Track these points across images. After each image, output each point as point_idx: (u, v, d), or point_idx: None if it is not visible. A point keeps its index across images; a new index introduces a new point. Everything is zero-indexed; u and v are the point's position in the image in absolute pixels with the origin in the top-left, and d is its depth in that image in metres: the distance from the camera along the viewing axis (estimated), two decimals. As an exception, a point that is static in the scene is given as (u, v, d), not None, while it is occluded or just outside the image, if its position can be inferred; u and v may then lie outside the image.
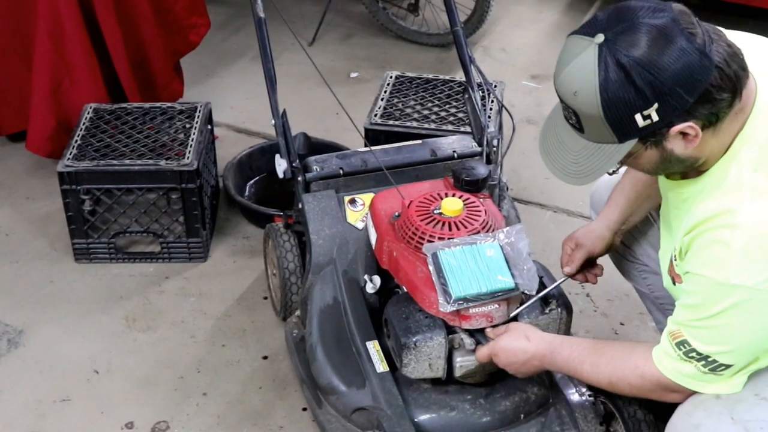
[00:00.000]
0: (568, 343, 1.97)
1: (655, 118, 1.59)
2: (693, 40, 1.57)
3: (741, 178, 1.65)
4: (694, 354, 1.71)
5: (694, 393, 1.76)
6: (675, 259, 1.78)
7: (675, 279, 1.81)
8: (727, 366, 1.70)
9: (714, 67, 1.57)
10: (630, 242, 2.25)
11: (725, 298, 1.63)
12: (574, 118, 1.67)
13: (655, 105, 1.58)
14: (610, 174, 1.80)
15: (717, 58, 1.58)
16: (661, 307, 2.32)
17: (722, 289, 1.63)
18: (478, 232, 2.10)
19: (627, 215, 2.19)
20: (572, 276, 2.23)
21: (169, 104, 3.21)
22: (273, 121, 2.50)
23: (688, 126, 1.60)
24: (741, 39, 1.74)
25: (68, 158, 2.89)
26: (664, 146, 1.65)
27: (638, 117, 1.60)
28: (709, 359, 1.70)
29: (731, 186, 1.66)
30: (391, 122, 3.07)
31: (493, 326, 2.06)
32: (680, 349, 1.72)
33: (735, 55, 1.61)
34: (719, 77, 1.58)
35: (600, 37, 1.60)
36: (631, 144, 1.64)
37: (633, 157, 1.69)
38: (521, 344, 2.00)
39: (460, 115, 3.12)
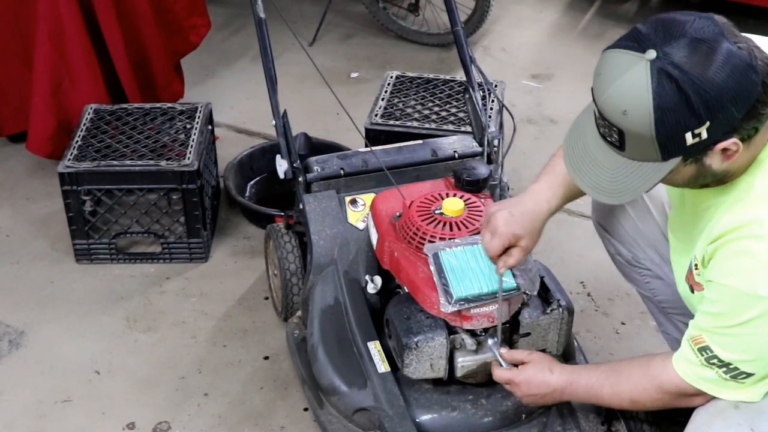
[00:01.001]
0: (586, 371, 1.97)
1: (704, 136, 1.54)
2: (742, 54, 1.52)
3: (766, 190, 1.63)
4: (715, 360, 1.70)
5: (714, 397, 1.75)
6: (695, 268, 1.77)
7: (694, 287, 1.80)
8: (749, 374, 1.69)
9: (760, 81, 1.53)
10: (633, 246, 2.22)
11: (751, 308, 1.62)
12: (616, 137, 1.59)
13: (707, 123, 1.53)
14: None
15: (762, 72, 1.54)
16: (664, 310, 2.31)
17: (748, 300, 1.62)
18: (479, 233, 2.10)
19: (573, 190, 2.02)
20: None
21: (169, 105, 3.20)
22: (273, 122, 2.51)
23: (732, 143, 1.57)
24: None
25: (69, 159, 2.89)
26: (703, 162, 1.61)
27: (688, 135, 1.54)
28: (731, 366, 1.69)
29: (758, 197, 1.63)
30: (391, 122, 3.07)
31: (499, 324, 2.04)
32: (702, 355, 1.71)
33: None
34: (763, 91, 1.54)
35: (651, 53, 1.53)
36: (674, 162, 1.59)
37: (670, 173, 1.63)
38: (545, 377, 1.98)
39: (461, 114, 3.12)
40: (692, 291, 1.82)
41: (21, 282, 2.93)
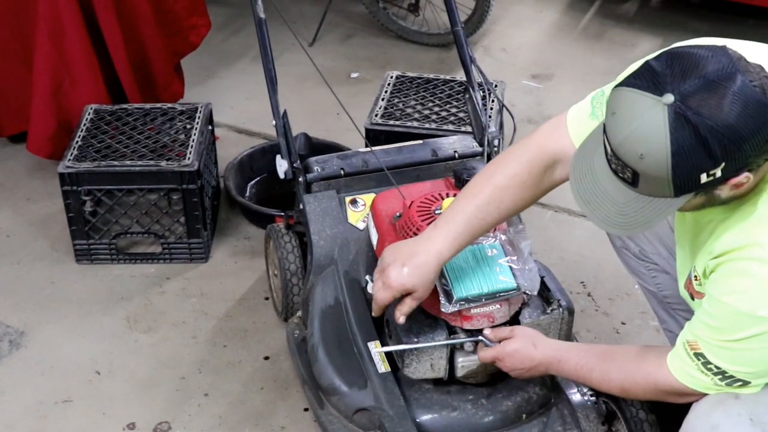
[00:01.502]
0: (576, 351, 1.96)
1: (719, 175, 1.53)
2: (756, 93, 1.50)
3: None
4: (712, 367, 1.70)
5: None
6: (695, 279, 1.77)
7: (694, 295, 1.80)
8: (745, 382, 1.70)
9: None
10: (640, 240, 2.21)
11: (749, 327, 1.63)
12: (630, 175, 1.57)
13: (723, 164, 1.52)
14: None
15: None
16: (668, 306, 2.30)
17: (746, 319, 1.62)
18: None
19: (471, 238, 1.97)
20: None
21: (169, 105, 3.20)
22: (274, 122, 2.51)
23: (744, 177, 1.56)
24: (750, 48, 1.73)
25: (69, 159, 2.89)
26: (713, 194, 1.60)
27: (703, 176, 1.53)
28: (727, 374, 1.69)
29: (760, 219, 1.63)
30: (391, 122, 3.07)
31: (495, 326, 2.06)
32: (698, 360, 1.71)
33: None
34: None
35: (669, 98, 1.50)
36: (686, 198, 1.58)
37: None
38: (528, 352, 1.99)
39: (461, 114, 3.12)
40: (692, 298, 1.82)
41: (21, 282, 2.94)
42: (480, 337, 2.05)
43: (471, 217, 1.93)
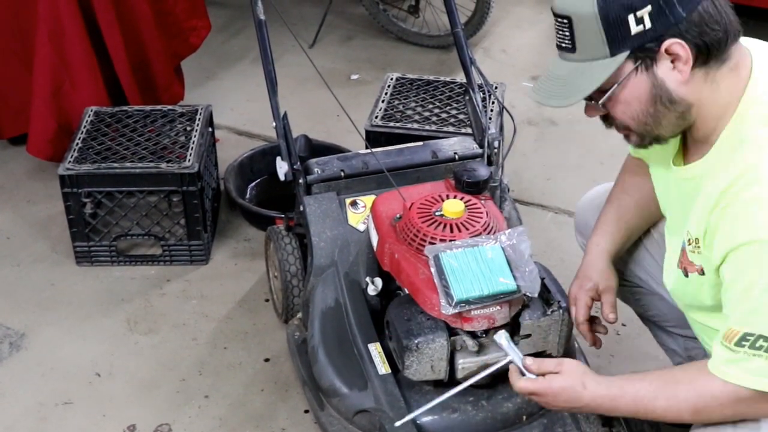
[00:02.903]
0: (631, 383, 1.76)
1: (648, 24, 1.60)
2: None
3: (755, 136, 1.61)
4: (762, 342, 1.55)
5: None
6: (689, 245, 1.72)
7: (687, 268, 1.75)
8: None
9: None
10: (618, 265, 2.15)
11: None
12: (568, 32, 1.65)
13: (649, 7, 1.58)
14: (590, 102, 1.72)
15: None
16: (657, 324, 2.30)
17: None
18: (480, 234, 2.10)
19: (625, 239, 2.11)
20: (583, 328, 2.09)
21: (169, 107, 3.21)
22: (274, 124, 2.51)
23: (678, 43, 1.60)
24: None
25: (69, 161, 2.89)
26: (654, 73, 1.63)
27: (631, 19, 1.59)
28: None
29: (746, 146, 1.61)
30: (391, 124, 3.07)
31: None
32: (743, 345, 1.58)
33: (728, 3, 1.63)
34: (712, 8, 1.59)
35: None
36: (622, 58, 1.63)
37: (621, 87, 1.65)
38: (576, 392, 1.78)
39: (461, 116, 3.12)
40: (686, 274, 1.76)
41: (22, 284, 2.94)
42: (519, 364, 1.89)
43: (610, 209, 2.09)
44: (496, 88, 3.00)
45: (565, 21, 1.65)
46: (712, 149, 1.68)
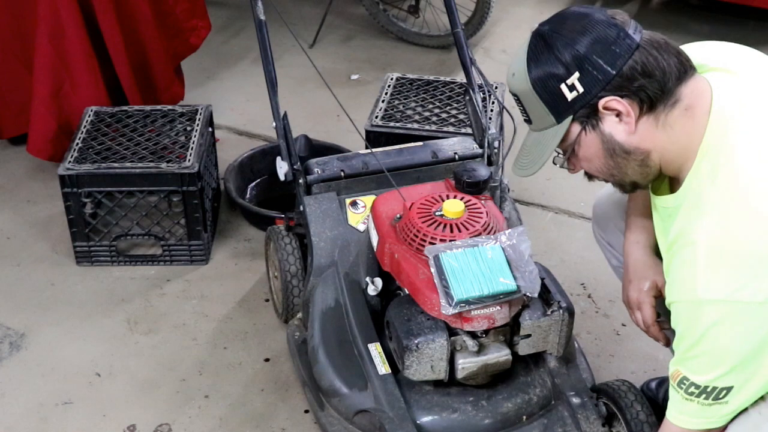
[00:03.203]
0: None
1: (580, 89, 1.64)
2: (614, 20, 1.64)
3: (700, 193, 1.64)
4: (693, 389, 1.66)
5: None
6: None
7: None
8: (728, 389, 1.65)
9: (636, 46, 1.62)
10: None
11: (701, 317, 1.60)
12: (521, 107, 1.75)
13: (576, 74, 1.63)
14: (556, 164, 1.79)
15: (641, 41, 1.63)
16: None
17: (696, 309, 1.60)
18: (480, 234, 2.10)
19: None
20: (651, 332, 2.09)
21: (170, 107, 3.21)
22: (274, 124, 2.51)
23: (614, 99, 1.63)
24: (724, 47, 1.76)
25: (69, 161, 2.89)
26: (602, 129, 1.67)
27: (564, 88, 1.65)
28: (708, 389, 1.65)
29: (691, 203, 1.65)
30: (392, 124, 3.07)
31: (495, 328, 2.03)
32: (681, 388, 1.69)
33: (669, 46, 1.65)
34: (644, 58, 1.62)
35: (541, 28, 1.70)
36: (567, 123, 1.68)
37: (576, 144, 1.71)
38: None
39: (461, 116, 3.12)
40: None
41: (22, 284, 2.94)
42: None
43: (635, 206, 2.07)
44: (496, 88, 3.00)
45: (516, 97, 1.76)
46: (680, 190, 1.71)
